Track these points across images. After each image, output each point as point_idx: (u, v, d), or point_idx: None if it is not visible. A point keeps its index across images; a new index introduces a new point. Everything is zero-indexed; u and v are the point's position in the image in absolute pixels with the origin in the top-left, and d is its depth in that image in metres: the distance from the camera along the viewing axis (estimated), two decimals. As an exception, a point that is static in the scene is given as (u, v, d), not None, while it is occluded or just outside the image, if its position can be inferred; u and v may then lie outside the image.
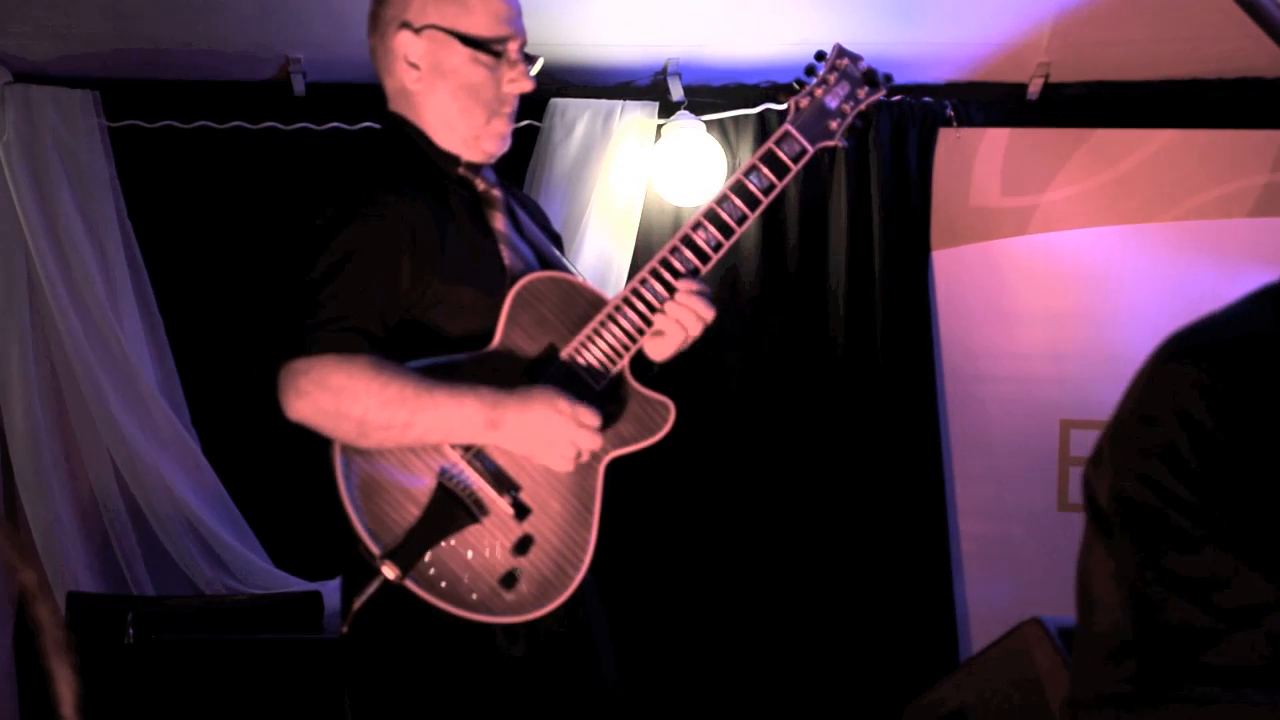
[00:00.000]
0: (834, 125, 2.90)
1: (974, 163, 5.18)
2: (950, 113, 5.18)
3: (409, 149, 2.89)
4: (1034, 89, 5.17)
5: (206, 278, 4.96)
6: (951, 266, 5.16)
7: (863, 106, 2.92)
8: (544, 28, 4.74)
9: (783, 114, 5.12)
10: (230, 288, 4.87)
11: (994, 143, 5.18)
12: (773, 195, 2.85)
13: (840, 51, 2.94)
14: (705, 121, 5.02)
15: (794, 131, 2.87)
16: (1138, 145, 5.16)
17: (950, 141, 5.17)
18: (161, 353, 4.93)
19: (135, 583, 4.77)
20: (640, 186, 5.05)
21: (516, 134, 4.98)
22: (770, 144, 2.86)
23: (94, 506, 4.83)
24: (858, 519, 5.10)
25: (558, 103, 5.08)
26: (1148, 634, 1.84)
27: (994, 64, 5.10)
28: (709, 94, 5.12)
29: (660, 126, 5.08)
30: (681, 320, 2.82)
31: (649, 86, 5.16)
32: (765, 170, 2.84)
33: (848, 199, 5.17)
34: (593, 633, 2.88)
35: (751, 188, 2.84)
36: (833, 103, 2.90)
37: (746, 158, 5.11)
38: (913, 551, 5.09)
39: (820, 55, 2.93)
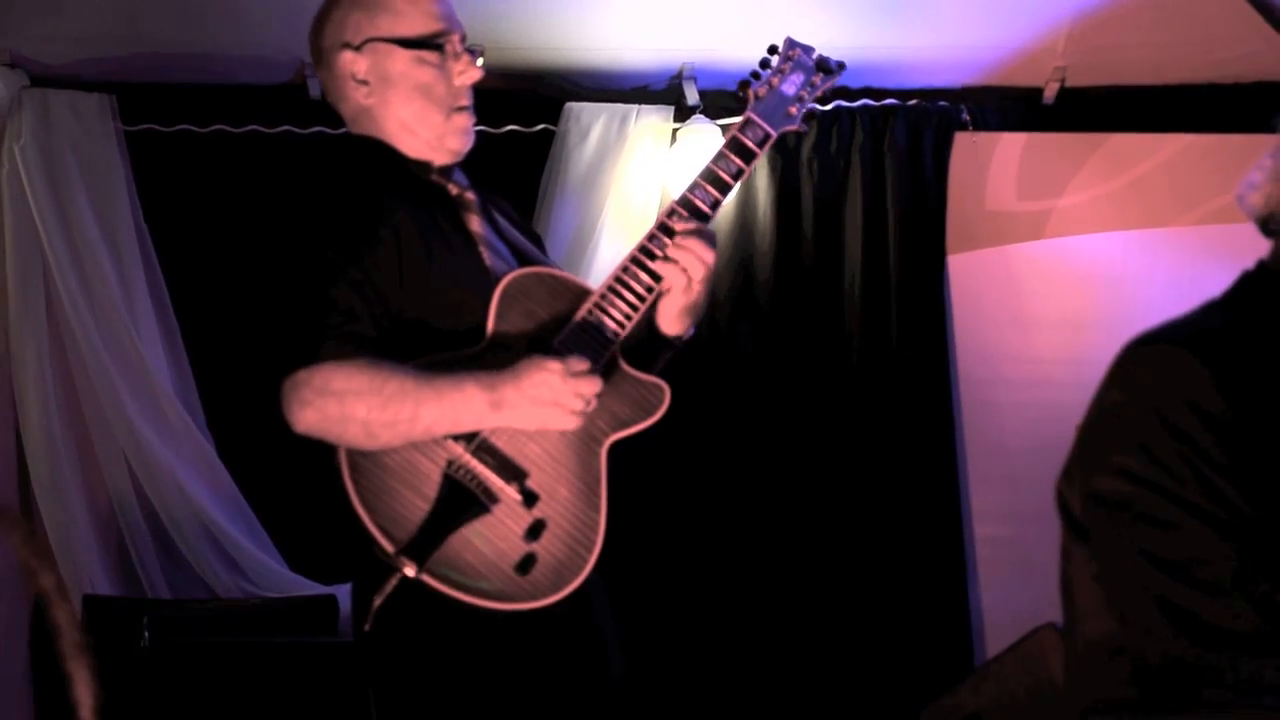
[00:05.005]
0: (794, 110, 3.01)
1: (989, 167, 5.18)
2: (966, 117, 5.18)
3: (383, 159, 2.93)
4: (1050, 93, 5.17)
5: (222, 281, 4.97)
6: (967, 270, 5.16)
7: (819, 92, 3.05)
8: (559, 32, 4.79)
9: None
10: (246, 291, 4.88)
11: (1010, 147, 5.18)
12: (742, 179, 2.96)
13: (791, 44, 3.07)
14: (720, 125, 5.02)
15: (756, 118, 2.98)
16: (1154, 149, 5.16)
17: (966, 145, 5.17)
18: (177, 356, 4.94)
19: (151, 586, 4.77)
20: (656, 190, 5.05)
21: (532, 138, 5.09)
22: (735, 131, 2.96)
23: (109, 510, 4.83)
24: (873, 522, 5.09)
25: (573, 107, 5.08)
26: (1134, 621, 1.86)
27: (1010, 68, 5.10)
28: (724, 98, 5.12)
29: (676, 130, 5.08)
30: (684, 262, 2.85)
31: (664, 90, 5.16)
32: (733, 156, 2.94)
33: (863, 203, 5.17)
34: (601, 630, 2.90)
35: (721, 174, 2.93)
36: (790, 90, 3.02)
37: (761, 162, 5.12)
38: (928, 555, 5.08)
39: (773, 49, 3.07)
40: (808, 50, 3.06)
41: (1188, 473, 1.80)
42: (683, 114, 5.08)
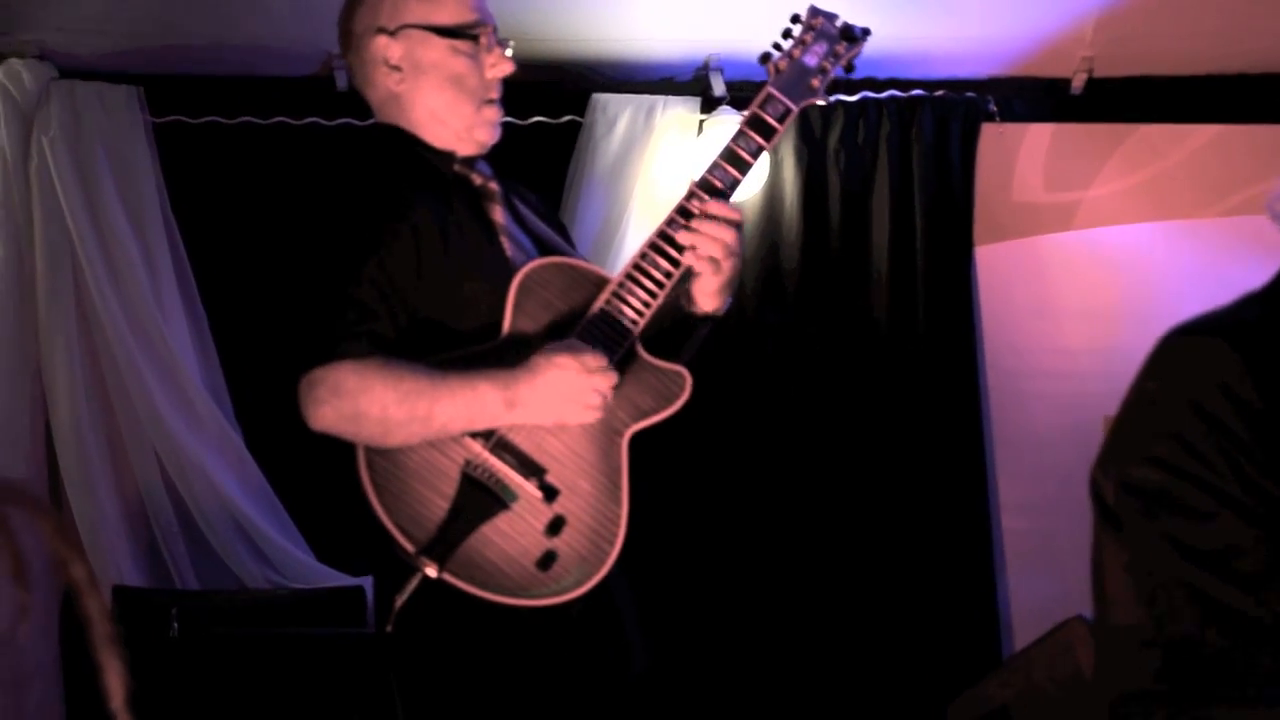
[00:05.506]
0: (816, 83, 2.95)
1: (1017, 158, 5.16)
2: (993, 108, 5.17)
3: (404, 150, 2.92)
4: (1077, 84, 5.15)
5: (250, 273, 4.97)
6: (995, 262, 5.15)
7: (844, 61, 2.97)
8: (585, 23, 4.79)
9: (825, 109, 5.13)
10: (273, 282, 4.87)
11: (1037, 138, 5.16)
12: (761, 157, 2.92)
13: (815, 11, 3.00)
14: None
15: (776, 93, 2.92)
16: (1182, 140, 5.14)
17: (993, 137, 5.15)
18: (205, 347, 4.95)
19: (180, 577, 4.79)
20: (682, 182, 5.04)
21: (559, 129, 5.09)
22: (754, 108, 2.91)
23: (139, 502, 4.85)
24: (900, 514, 5.08)
25: (599, 98, 5.08)
26: (1165, 611, 1.85)
27: (1037, 58, 5.08)
28: (751, 89, 5.06)
29: (702, 122, 5.08)
30: (709, 241, 2.84)
31: (691, 82, 5.16)
32: (752, 134, 2.90)
33: (890, 194, 5.16)
34: (621, 614, 2.89)
35: (741, 153, 2.90)
36: (812, 61, 2.95)
37: (787, 152, 5.14)
38: (955, 547, 5.07)
39: (795, 18, 2.99)
40: (831, 18, 2.99)
41: (1223, 463, 1.79)
42: (709, 105, 5.08)
